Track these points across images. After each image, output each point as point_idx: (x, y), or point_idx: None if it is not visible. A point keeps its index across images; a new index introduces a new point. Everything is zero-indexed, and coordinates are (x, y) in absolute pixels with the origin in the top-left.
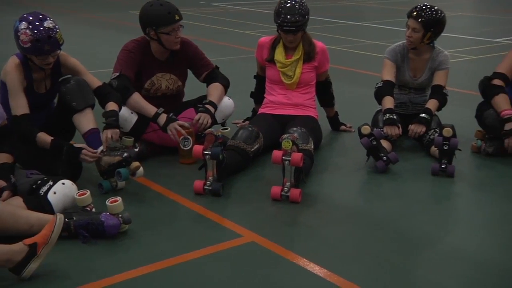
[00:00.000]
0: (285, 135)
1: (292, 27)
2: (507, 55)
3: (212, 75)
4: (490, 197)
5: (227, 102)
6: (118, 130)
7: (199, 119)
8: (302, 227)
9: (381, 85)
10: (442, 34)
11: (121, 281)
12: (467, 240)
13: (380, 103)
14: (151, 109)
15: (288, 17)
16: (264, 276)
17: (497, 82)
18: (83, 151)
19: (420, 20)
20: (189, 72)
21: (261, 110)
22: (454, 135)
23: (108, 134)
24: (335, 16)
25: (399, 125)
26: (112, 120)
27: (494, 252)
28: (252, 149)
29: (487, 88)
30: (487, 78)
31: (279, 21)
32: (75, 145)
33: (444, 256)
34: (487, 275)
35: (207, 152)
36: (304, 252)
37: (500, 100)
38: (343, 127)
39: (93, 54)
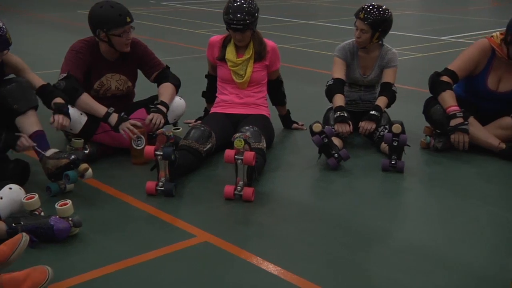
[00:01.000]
0: (237, 134)
1: (239, 25)
2: (461, 54)
3: (162, 75)
4: (439, 192)
5: (178, 102)
6: (68, 119)
7: (152, 119)
8: (256, 225)
9: (331, 83)
10: (391, 32)
11: (75, 284)
12: (418, 234)
13: (331, 101)
14: (101, 109)
15: (237, 15)
16: (218, 275)
17: (445, 79)
18: (21, 138)
19: (367, 21)
20: (140, 72)
21: (213, 110)
22: (403, 132)
23: (59, 119)
24: (286, 15)
25: (350, 122)
26: (61, 105)
27: (444, 245)
28: (205, 149)
29: (435, 84)
30: (437, 74)
31: (227, 19)
32: (17, 133)
33: (396, 251)
34: (437, 268)
35: (158, 153)
36: (258, 250)
37: (447, 97)
38: (295, 125)
39: (40, 54)
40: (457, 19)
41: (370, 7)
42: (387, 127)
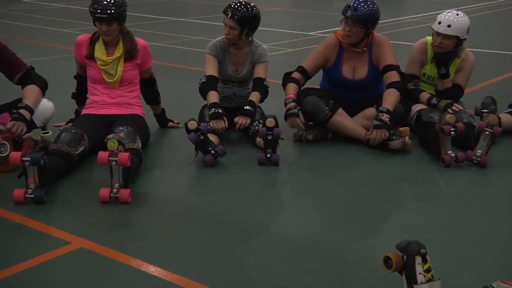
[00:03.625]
0: (110, 135)
1: (104, 14)
2: (312, 51)
3: (27, 76)
4: (312, 181)
5: (46, 104)
6: None
7: (11, 128)
8: (134, 227)
9: (204, 80)
10: (261, 28)
11: None
12: (293, 224)
13: (205, 98)
14: None
15: (102, 4)
16: (95, 281)
17: (294, 75)
18: None
19: (235, 18)
20: (1, 74)
21: (84, 111)
22: (276, 125)
23: None
24: (157, 12)
25: (225, 118)
26: None
27: (319, 233)
28: (77, 152)
29: (284, 80)
30: (286, 73)
31: (91, 10)
32: None
33: (273, 242)
34: (313, 255)
35: (26, 159)
36: (137, 252)
37: (288, 87)
38: (170, 123)
39: None
40: (323, 15)
41: (238, 4)
42: (261, 121)
